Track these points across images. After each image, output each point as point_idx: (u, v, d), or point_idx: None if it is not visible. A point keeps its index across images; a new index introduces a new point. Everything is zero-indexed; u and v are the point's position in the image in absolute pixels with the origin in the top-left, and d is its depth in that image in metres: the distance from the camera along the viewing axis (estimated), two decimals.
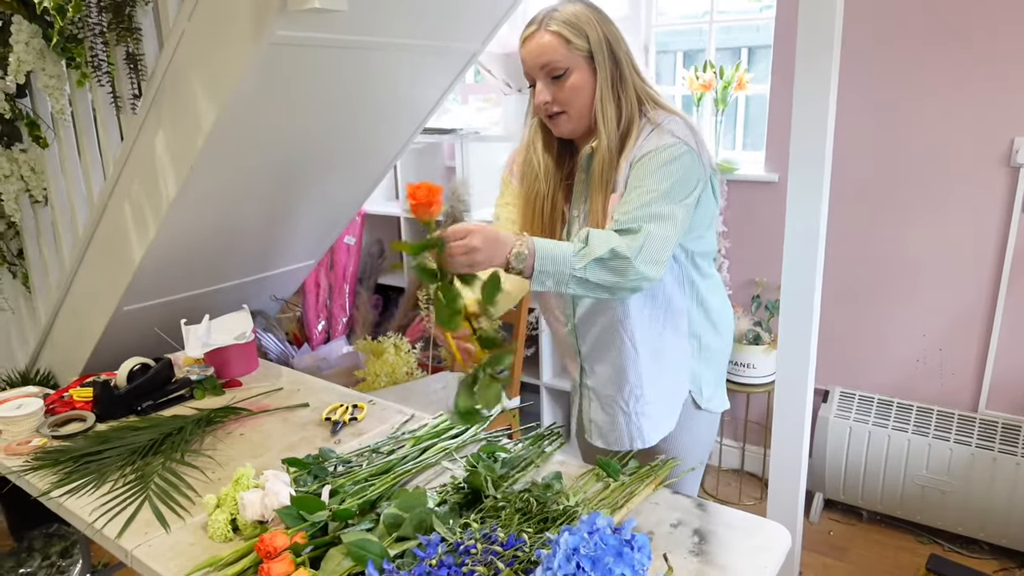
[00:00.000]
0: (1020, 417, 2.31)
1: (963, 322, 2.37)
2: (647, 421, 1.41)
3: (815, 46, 1.53)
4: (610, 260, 1.14)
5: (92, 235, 2.17)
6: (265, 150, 2.00)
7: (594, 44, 1.27)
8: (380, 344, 2.87)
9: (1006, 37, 2.12)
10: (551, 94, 1.29)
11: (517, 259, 1.11)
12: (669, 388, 1.42)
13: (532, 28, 1.30)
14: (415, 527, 1.06)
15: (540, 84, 1.29)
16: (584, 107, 1.30)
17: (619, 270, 1.15)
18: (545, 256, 1.12)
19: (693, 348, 1.42)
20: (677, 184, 1.22)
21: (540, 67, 1.28)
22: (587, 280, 1.14)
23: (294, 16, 1.56)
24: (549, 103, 1.29)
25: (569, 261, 1.13)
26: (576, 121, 1.31)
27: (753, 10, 2.83)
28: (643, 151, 1.26)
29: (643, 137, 1.28)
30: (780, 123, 2.54)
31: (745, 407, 2.83)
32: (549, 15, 1.29)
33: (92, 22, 1.90)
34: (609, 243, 1.14)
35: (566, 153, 1.40)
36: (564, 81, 1.28)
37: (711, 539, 1.14)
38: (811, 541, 2.46)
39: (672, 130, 1.26)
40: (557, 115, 1.31)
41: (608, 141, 1.28)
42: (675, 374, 1.42)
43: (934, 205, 2.34)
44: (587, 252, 1.13)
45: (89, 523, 1.27)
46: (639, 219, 1.18)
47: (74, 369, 2.39)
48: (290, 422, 1.65)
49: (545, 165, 1.38)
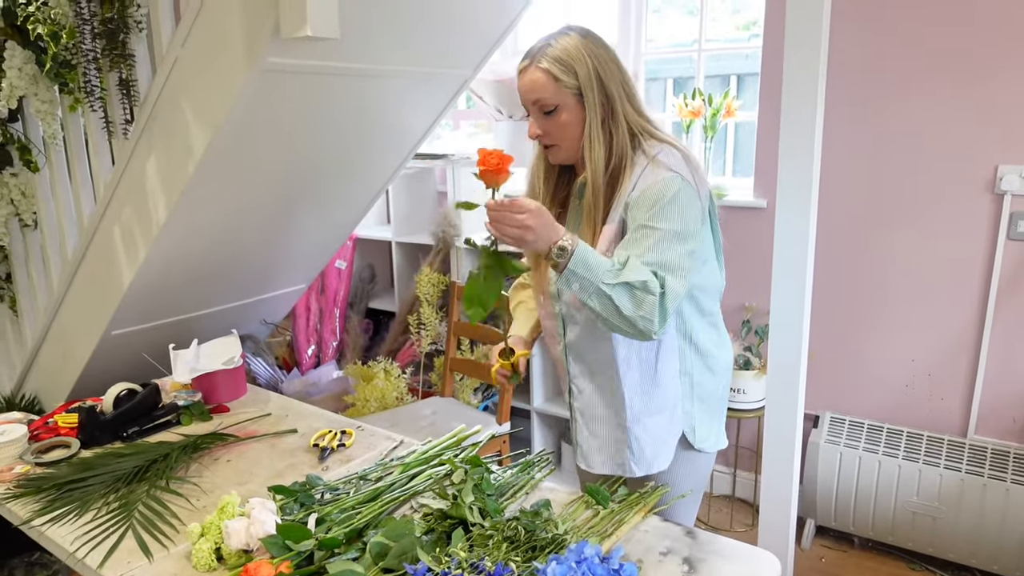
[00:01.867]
0: (1009, 443, 2.32)
1: (951, 347, 2.39)
2: (631, 453, 1.38)
3: (802, 74, 1.56)
4: (639, 290, 1.17)
5: (81, 259, 2.17)
6: (257, 175, 2.01)
7: (583, 81, 1.27)
8: (370, 369, 2.86)
9: (990, 66, 2.16)
10: (542, 127, 1.32)
11: (559, 252, 1.16)
12: (662, 427, 1.39)
13: (525, 63, 1.31)
14: (401, 557, 1.05)
15: (532, 117, 1.32)
16: (574, 141, 1.31)
17: (642, 302, 1.18)
18: (581, 260, 1.16)
19: (685, 387, 1.39)
20: (682, 222, 1.23)
21: (532, 102, 1.31)
22: (610, 297, 1.17)
23: (286, 43, 1.57)
24: (542, 135, 1.33)
25: (602, 274, 1.16)
26: (567, 152, 1.34)
27: (741, 38, 2.88)
28: (640, 188, 1.26)
29: (638, 171, 1.28)
30: (768, 150, 2.57)
31: (736, 433, 2.82)
32: (542, 51, 1.29)
33: (85, 48, 1.92)
34: (643, 275, 1.17)
35: (565, 177, 1.43)
36: (554, 117, 1.30)
37: (700, 568, 1.13)
38: (803, 568, 2.45)
39: (668, 163, 1.27)
40: (550, 147, 1.34)
41: (595, 177, 1.29)
42: (667, 412, 1.38)
43: (921, 231, 2.36)
44: (622, 274, 1.17)
45: (71, 552, 1.25)
46: (652, 264, 1.20)
47: (60, 394, 2.37)
48: (277, 448, 1.64)
49: (544, 189, 1.41)
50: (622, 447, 1.39)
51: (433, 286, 2.98)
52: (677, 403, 1.39)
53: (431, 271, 3.00)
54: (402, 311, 3.19)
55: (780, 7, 1.70)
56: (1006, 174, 2.18)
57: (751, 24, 2.84)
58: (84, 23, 1.89)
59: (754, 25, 2.81)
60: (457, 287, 2.70)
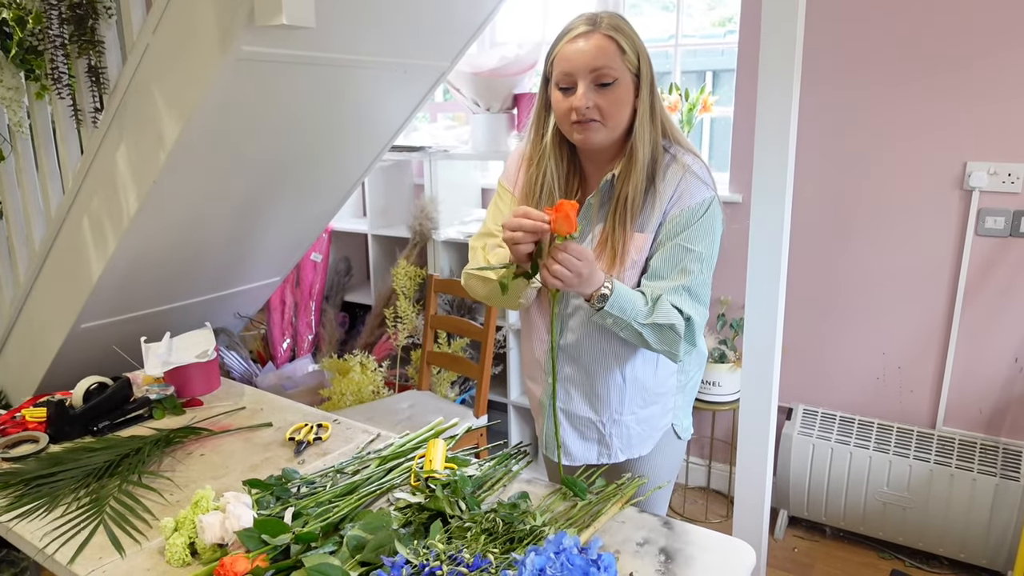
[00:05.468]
0: (976, 434, 2.37)
1: (921, 341, 2.43)
2: (619, 442, 1.42)
3: (777, 71, 1.57)
4: (667, 329, 1.23)
5: (49, 250, 2.12)
6: (230, 165, 1.98)
7: (643, 61, 1.23)
8: (346, 362, 2.85)
9: (959, 65, 2.20)
10: (594, 100, 1.21)
11: (599, 299, 1.19)
12: (655, 417, 1.42)
13: (585, 28, 1.21)
14: (378, 550, 1.04)
15: (582, 88, 1.20)
16: (621, 122, 1.24)
17: (668, 341, 1.25)
18: (617, 304, 1.20)
19: (680, 383, 1.44)
20: (712, 244, 1.28)
21: (590, 70, 1.20)
22: (640, 334, 1.23)
23: (261, 31, 1.55)
24: (590, 108, 1.21)
25: (636, 314, 1.21)
26: (608, 134, 1.25)
27: (717, 35, 2.90)
28: (678, 202, 1.25)
29: (674, 178, 1.26)
30: (744, 145, 2.59)
31: (711, 425, 2.85)
32: (602, 19, 1.21)
33: (53, 34, 1.87)
34: (671, 318, 1.22)
35: (576, 172, 1.35)
36: (610, 91, 1.21)
37: (677, 557, 1.14)
38: (776, 558, 2.48)
39: (702, 176, 1.27)
40: (589, 123, 1.23)
41: (642, 166, 1.24)
42: (660, 405, 1.42)
43: (892, 227, 2.40)
44: (654, 315, 1.22)
45: (40, 548, 1.23)
46: (682, 290, 1.24)
47: (28, 388, 2.32)
48: (252, 442, 1.62)
49: (558, 187, 1.32)
50: (610, 439, 1.41)
51: (410, 279, 2.96)
52: (670, 395, 1.42)
53: (408, 264, 2.98)
54: (378, 304, 3.18)
55: (756, 4, 1.71)
56: (974, 171, 2.22)
57: (727, 20, 2.86)
58: (51, 8, 1.84)
59: (729, 22, 2.83)
60: (434, 280, 2.69)
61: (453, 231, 2.95)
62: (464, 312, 2.96)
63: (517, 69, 2.73)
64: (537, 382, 1.47)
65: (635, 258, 1.28)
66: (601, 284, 1.18)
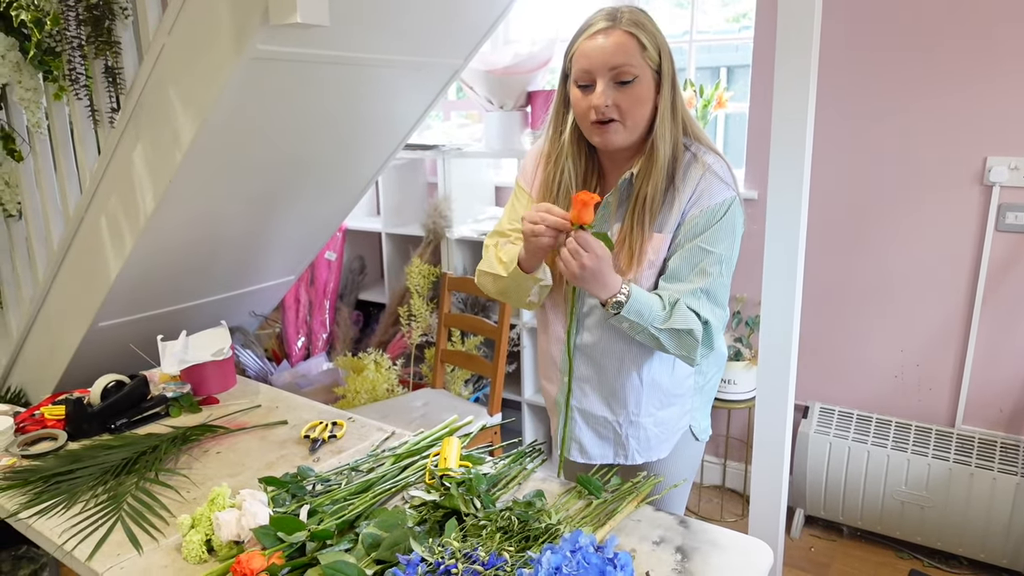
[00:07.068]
0: (996, 432, 2.34)
1: (939, 338, 2.40)
2: (636, 444, 1.41)
3: (793, 66, 1.55)
4: (685, 334, 1.22)
5: (67, 249, 2.14)
6: (245, 164, 1.99)
7: (664, 58, 1.21)
8: (360, 360, 2.85)
9: (978, 59, 2.17)
10: (614, 99, 1.19)
11: (614, 305, 1.19)
12: (672, 419, 1.41)
13: (605, 24, 1.19)
14: (393, 548, 1.04)
15: (601, 86, 1.18)
16: (641, 121, 1.22)
17: (686, 346, 1.24)
18: (634, 309, 1.19)
19: (698, 384, 1.43)
20: (732, 246, 1.27)
21: (610, 67, 1.18)
22: (657, 338, 1.23)
23: (276, 31, 1.55)
24: (609, 107, 1.19)
25: (653, 319, 1.21)
26: (629, 134, 1.23)
27: (732, 30, 2.87)
28: (698, 202, 1.23)
29: (694, 177, 1.24)
30: (759, 141, 2.57)
31: (727, 423, 2.83)
32: (621, 14, 1.19)
33: (70, 35, 1.89)
34: (689, 323, 1.21)
35: (594, 170, 1.33)
36: (630, 88, 1.19)
37: (694, 556, 1.13)
38: (792, 557, 2.47)
39: (723, 176, 1.25)
40: (608, 124, 1.21)
41: (662, 165, 1.22)
42: (678, 407, 1.41)
43: (910, 222, 2.37)
44: (671, 320, 1.21)
45: (59, 545, 1.24)
46: (701, 292, 1.23)
47: (46, 387, 2.35)
48: (268, 440, 1.63)
49: (575, 179, 1.31)
50: (627, 440, 1.40)
51: (423, 277, 2.97)
52: (688, 397, 1.40)
53: (421, 262, 2.98)
54: (392, 303, 3.18)
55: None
56: (994, 165, 2.19)
57: (741, 16, 2.84)
58: (68, 10, 1.86)
59: (744, 17, 2.81)
60: (448, 278, 2.69)
61: (467, 229, 2.94)
62: (478, 310, 2.96)
63: (531, 66, 2.72)
64: (552, 382, 1.46)
65: (652, 259, 1.27)
66: (617, 290, 1.18)
